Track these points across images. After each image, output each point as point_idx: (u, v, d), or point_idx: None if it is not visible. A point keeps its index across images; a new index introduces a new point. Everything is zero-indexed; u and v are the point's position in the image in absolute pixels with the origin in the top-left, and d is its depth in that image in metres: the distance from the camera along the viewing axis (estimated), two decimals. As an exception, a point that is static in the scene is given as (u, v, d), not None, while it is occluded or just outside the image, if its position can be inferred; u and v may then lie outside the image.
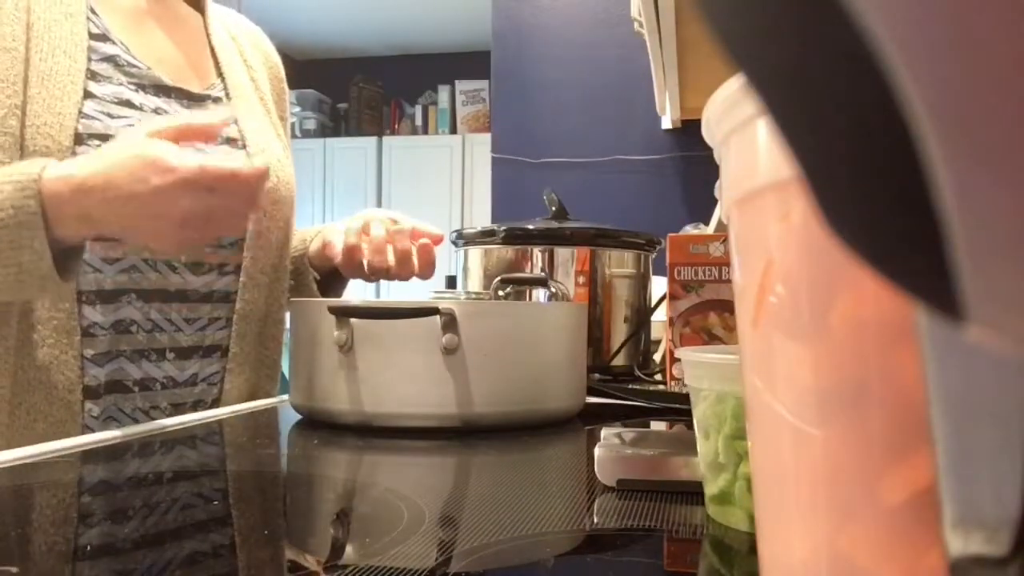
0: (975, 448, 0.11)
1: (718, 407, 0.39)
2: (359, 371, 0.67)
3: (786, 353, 0.19)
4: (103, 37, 0.80)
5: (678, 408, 0.77)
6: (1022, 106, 0.08)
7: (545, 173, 2.44)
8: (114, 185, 0.64)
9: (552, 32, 2.50)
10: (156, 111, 0.82)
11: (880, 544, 0.17)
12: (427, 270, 0.91)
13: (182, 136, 0.68)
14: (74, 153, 0.73)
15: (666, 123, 2.37)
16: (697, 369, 0.41)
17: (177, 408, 0.83)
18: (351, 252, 0.91)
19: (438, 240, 0.91)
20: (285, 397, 0.82)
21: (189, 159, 0.64)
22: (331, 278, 1.02)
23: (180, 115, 0.70)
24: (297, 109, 4.88)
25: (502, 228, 1.03)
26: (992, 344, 0.10)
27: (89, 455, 0.57)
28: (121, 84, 0.80)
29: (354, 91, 5.13)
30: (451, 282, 2.59)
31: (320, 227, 1.02)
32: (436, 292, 0.78)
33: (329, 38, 5.02)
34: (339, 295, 1.05)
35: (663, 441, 0.54)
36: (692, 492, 0.45)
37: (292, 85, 1.07)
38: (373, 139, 5.00)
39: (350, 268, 0.94)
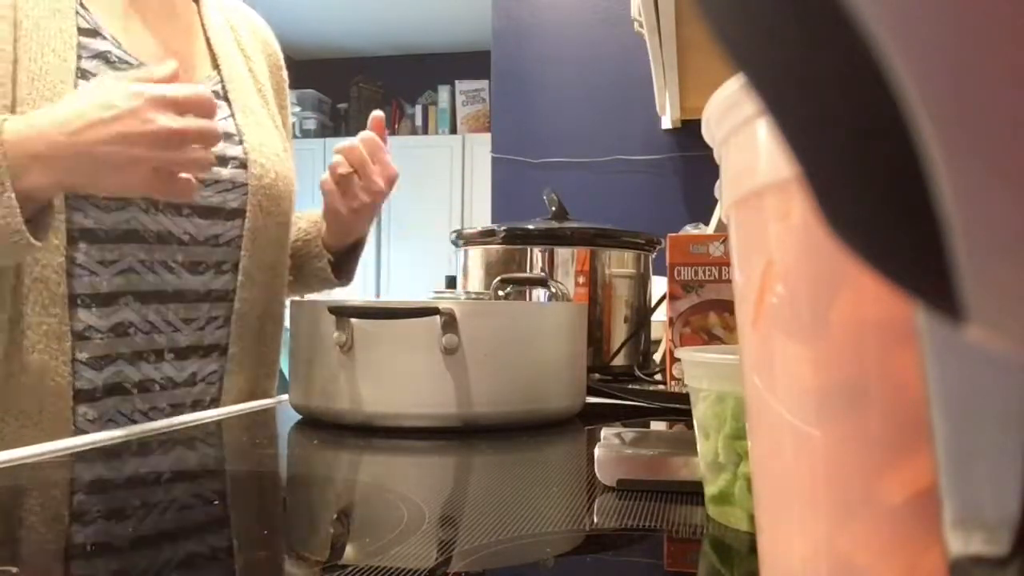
0: (975, 448, 0.11)
1: (718, 407, 0.39)
2: (359, 371, 0.67)
3: (786, 353, 0.19)
4: (94, 32, 0.79)
5: (678, 408, 0.77)
6: (1022, 106, 0.08)
7: (545, 173, 2.45)
8: (81, 115, 0.63)
9: (552, 32, 2.50)
10: None
11: (880, 544, 0.17)
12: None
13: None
14: None
15: (666, 123, 2.37)
16: (697, 369, 0.41)
17: (176, 408, 0.83)
18: (344, 181, 0.92)
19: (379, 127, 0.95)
20: (285, 397, 0.82)
21: (152, 85, 0.64)
22: (344, 255, 1.02)
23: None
24: (297, 109, 4.87)
25: (502, 228, 1.03)
26: (992, 344, 0.10)
27: (89, 456, 0.57)
28: None
29: (354, 91, 5.13)
30: (451, 282, 2.59)
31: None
32: (436, 292, 0.78)
33: (329, 38, 5.02)
34: (353, 270, 1.05)
35: (663, 441, 0.54)
36: (692, 492, 0.45)
37: (292, 85, 1.06)
38: (373, 139, 4.99)
39: (347, 199, 0.94)
